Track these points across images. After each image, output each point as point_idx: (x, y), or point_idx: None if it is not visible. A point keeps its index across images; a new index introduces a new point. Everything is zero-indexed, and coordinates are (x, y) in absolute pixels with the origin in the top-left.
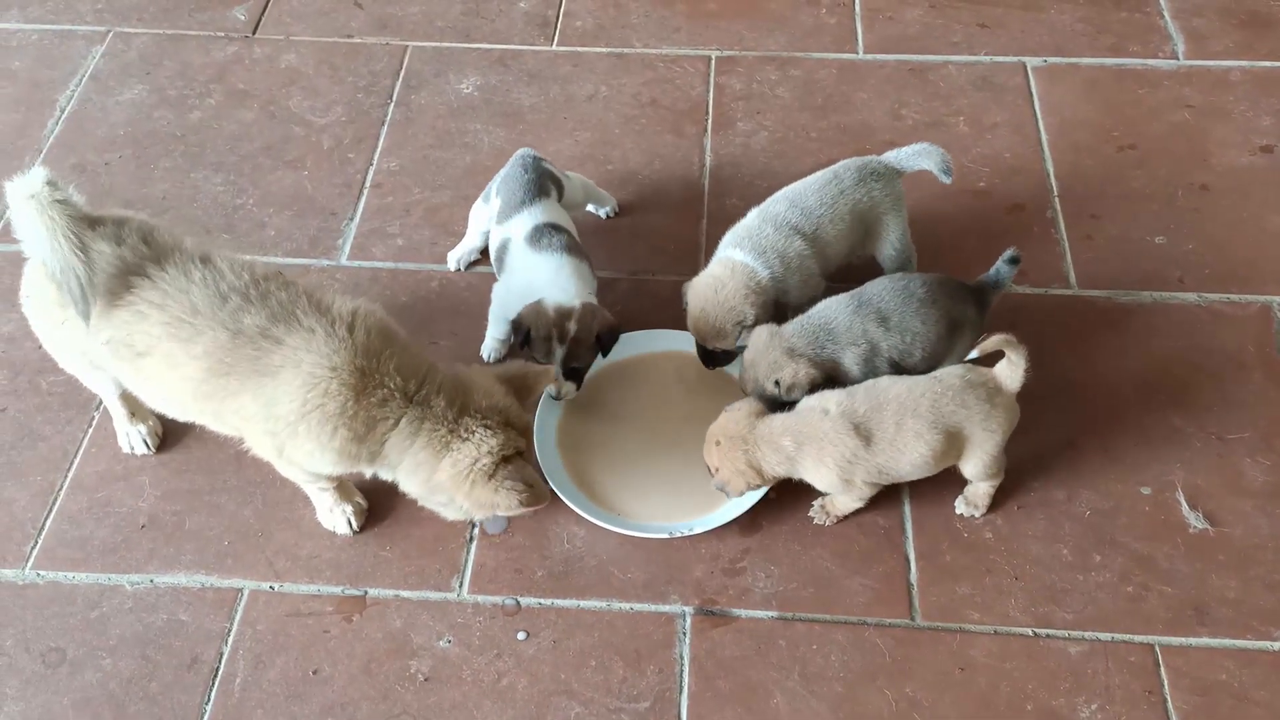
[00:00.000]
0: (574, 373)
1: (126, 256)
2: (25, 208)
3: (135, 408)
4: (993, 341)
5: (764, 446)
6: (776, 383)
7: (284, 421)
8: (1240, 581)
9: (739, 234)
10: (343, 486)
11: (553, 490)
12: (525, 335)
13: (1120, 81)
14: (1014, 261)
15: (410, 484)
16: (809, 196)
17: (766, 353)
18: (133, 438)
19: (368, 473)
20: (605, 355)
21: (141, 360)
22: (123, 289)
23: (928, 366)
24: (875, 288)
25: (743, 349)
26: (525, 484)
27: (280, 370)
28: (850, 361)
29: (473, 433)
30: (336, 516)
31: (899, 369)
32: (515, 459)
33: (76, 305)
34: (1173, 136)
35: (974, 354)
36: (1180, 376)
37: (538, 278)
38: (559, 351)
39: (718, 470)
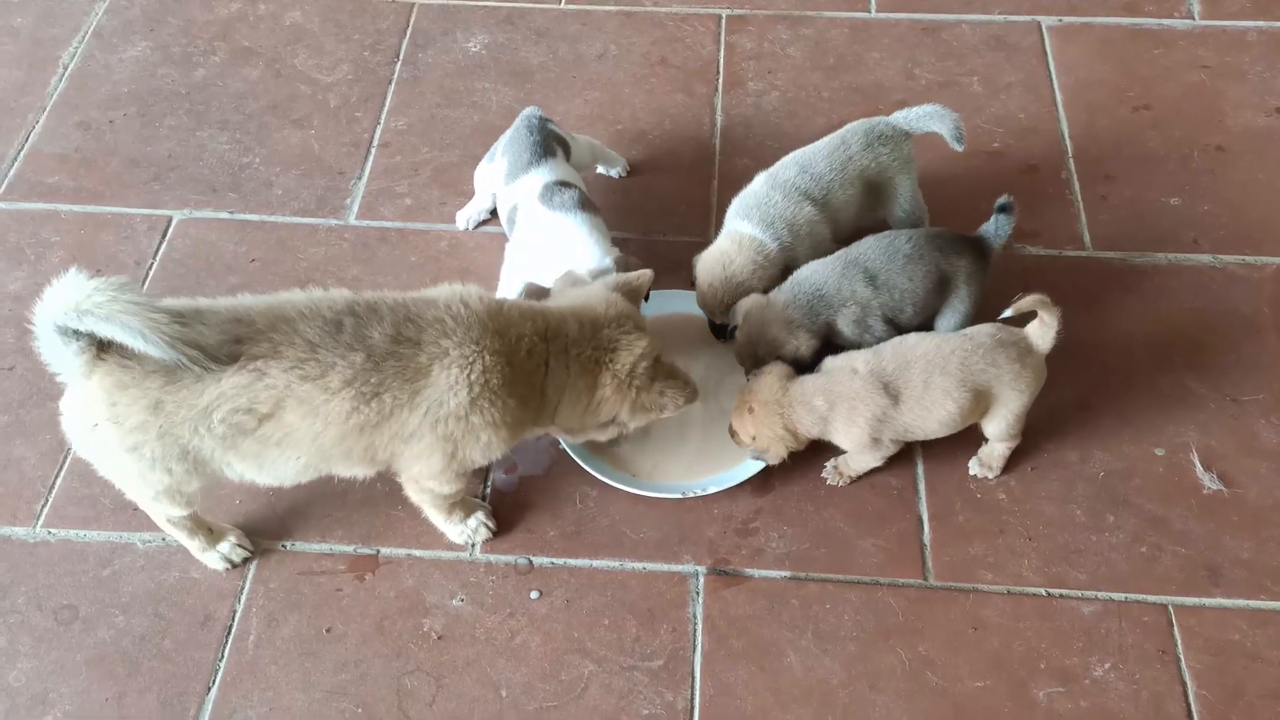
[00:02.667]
0: None
1: (209, 334)
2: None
3: (211, 526)
4: (1027, 302)
5: (798, 408)
6: (779, 358)
7: (455, 417)
8: (1254, 542)
9: (746, 203)
10: (464, 500)
11: (565, 450)
12: None
13: (1135, 41)
14: (1005, 210)
15: (570, 418)
16: (818, 161)
17: (765, 327)
18: (225, 553)
19: (534, 436)
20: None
21: (267, 425)
22: (225, 361)
23: (920, 322)
24: (862, 246)
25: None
26: (683, 381)
27: (430, 367)
28: (843, 323)
29: (616, 342)
30: (472, 527)
31: (894, 325)
32: (660, 359)
33: (198, 365)
34: (1188, 97)
35: (1007, 313)
36: (1194, 338)
37: (555, 237)
38: None
39: (755, 438)
